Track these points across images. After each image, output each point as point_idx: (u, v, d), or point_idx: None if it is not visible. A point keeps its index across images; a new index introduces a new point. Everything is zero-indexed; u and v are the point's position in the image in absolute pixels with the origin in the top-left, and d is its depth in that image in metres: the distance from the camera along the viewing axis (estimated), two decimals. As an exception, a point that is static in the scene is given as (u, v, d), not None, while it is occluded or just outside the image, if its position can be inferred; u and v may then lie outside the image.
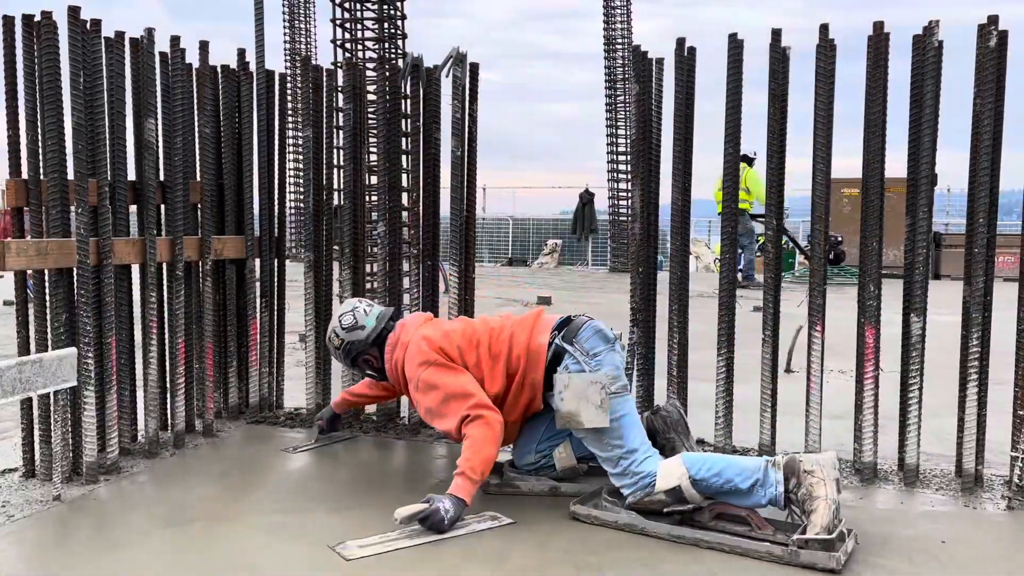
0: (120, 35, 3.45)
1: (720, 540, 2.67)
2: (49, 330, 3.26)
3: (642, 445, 2.88)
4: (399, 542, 2.70)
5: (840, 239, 12.20)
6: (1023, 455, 3.13)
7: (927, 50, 3.18)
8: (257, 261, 4.23)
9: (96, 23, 3.30)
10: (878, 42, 3.23)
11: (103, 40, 3.35)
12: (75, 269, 3.26)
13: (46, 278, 3.27)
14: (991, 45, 3.12)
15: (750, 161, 11.47)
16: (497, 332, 3.15)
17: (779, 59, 3.36)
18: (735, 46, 3.39)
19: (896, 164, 3.35)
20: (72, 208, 3.25)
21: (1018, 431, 3.15)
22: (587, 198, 17.35)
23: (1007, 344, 3.25)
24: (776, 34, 3.35)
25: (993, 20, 3.12)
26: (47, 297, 3.27)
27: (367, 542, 2.69)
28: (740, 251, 11.12)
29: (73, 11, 3.18)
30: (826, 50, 3.29)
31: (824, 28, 3.29)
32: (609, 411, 2.85)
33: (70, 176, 3.23)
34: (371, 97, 4.48)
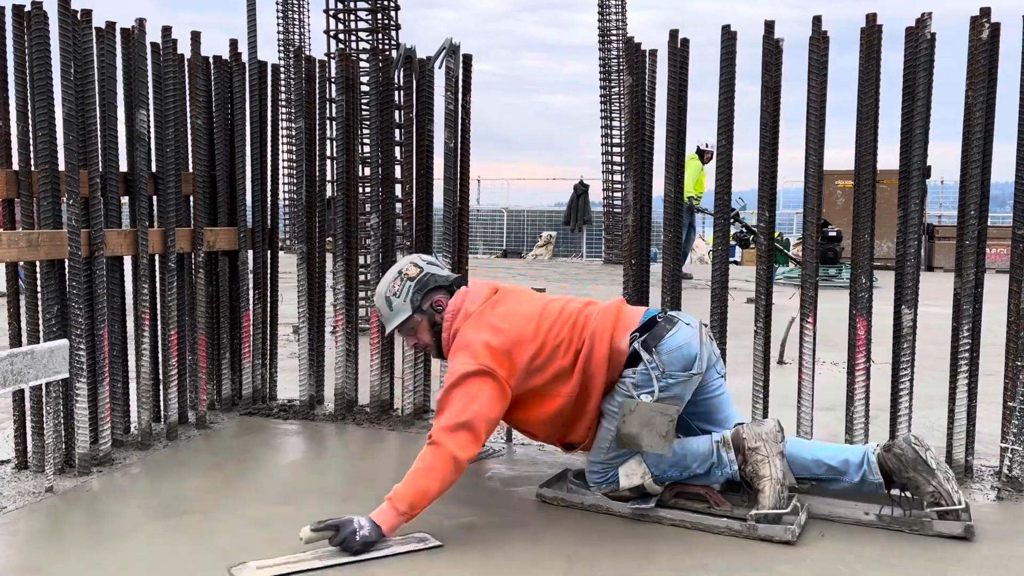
0: (111, 25, 3.43)
1: (682, 517, 2.78)
2: (41, 322, 3.26)
3: (625, 458, 2.86)
4: (305, 563, 2.45)
5: (837, 234, 11.74)
6: (1013, 446, 3.15)
7: (920, 42, 3.19)
8: (250, 253, 4.22)
9: (87, 13, 3.28)
10: (871, 34, 3.23)
11: (94, 30, 3.33)
12: (66, 260, 3.25)
13: (37, 270, 3.26)
14: (983, 37, 3.12)
15: (702, 154, 11.25)
16: (573, 325, 2.87)
17: (772, 51, 3.36)
18: (728, 38, 3.39)
19: (889, 156, 3.36)
20: (63, 199, 3.24)
21: (1008, 422, 3.17)
22: (581, 190, 17.34)
23: (998, 336, 3.26)
24: (769, 26, 3.35)
25: (985, 12, 3.13)
26: (39, 288, 3.26)
27: (267, 563, 2.46)
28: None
29: (64, 1, 3.16)
30: (819, 42, 3.29)
31: (817, 20, 3.29)
32: (673, 439, 2.76)
33: (61, 167, 3.22)
34: (364, 88, 4.46)
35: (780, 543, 2.62)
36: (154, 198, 3.74)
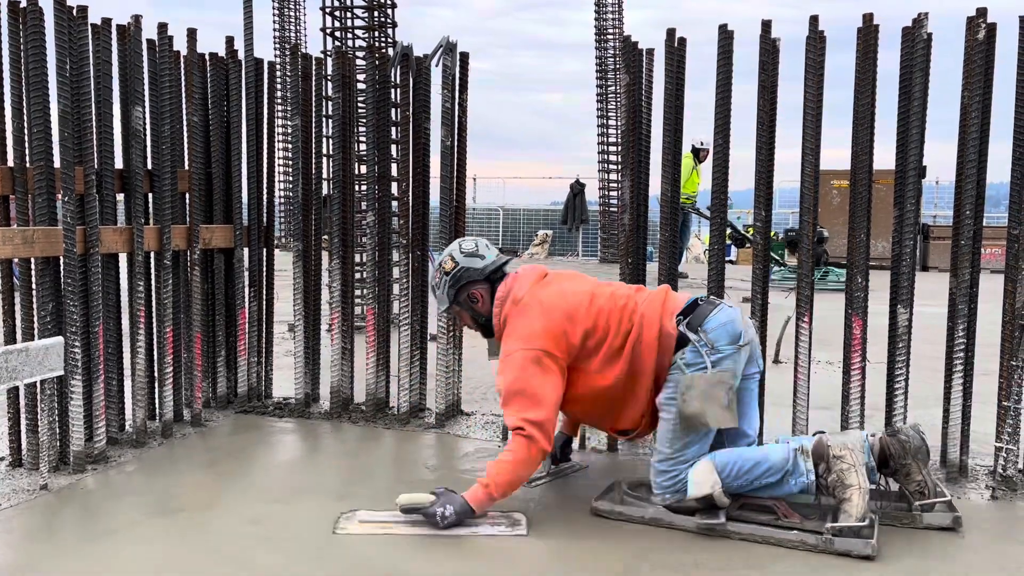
0: (107, 22, 3.43)
1: (752, 531, 2.65)
2: (36, 319, 3.25)
3: (693, 459, 2.77)
4: (403, 528, 2.72)
5: (823, 236, 11.26)
6: (1007, 445, 3.16)
7: (916, 42, 3.19)
8: (246, 250, 4.21)
9: (83, 10, 3.27)
10: (867, 34, 3.24)
11: (90, 27, 3.32)
12: (62, 258, 3.24)
13: (32, 267, 3.25)
14: (979, 38, 3.13)
15: (697, 152, 11.14)
16: (622, 310, 2.87)
17: (769, 51, 3.36)
18: (725, 37, 3.39)
19: (885, 156, 3.37)
20: (59, 196, 3.23)
21: (1002, 422, 3.18)
22: (578, 188, 17.34)
23: (993, 335, 3.27)
24: (766, 25, 3.35)
25: (982, 13, 3.13)
26: (33, 286, 3.25)
27: (371, 518, 2.77)
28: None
29: (59, -3, 3.15)
30: (816, 42, 3.29)
31: (814, 20, 3.29)
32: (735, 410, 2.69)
33: (56, 164, 3.21)
34: (360, 86, 4.46)
35: (858, 558, 2.50)
36: (150, 195, 3.73)
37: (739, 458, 2.76)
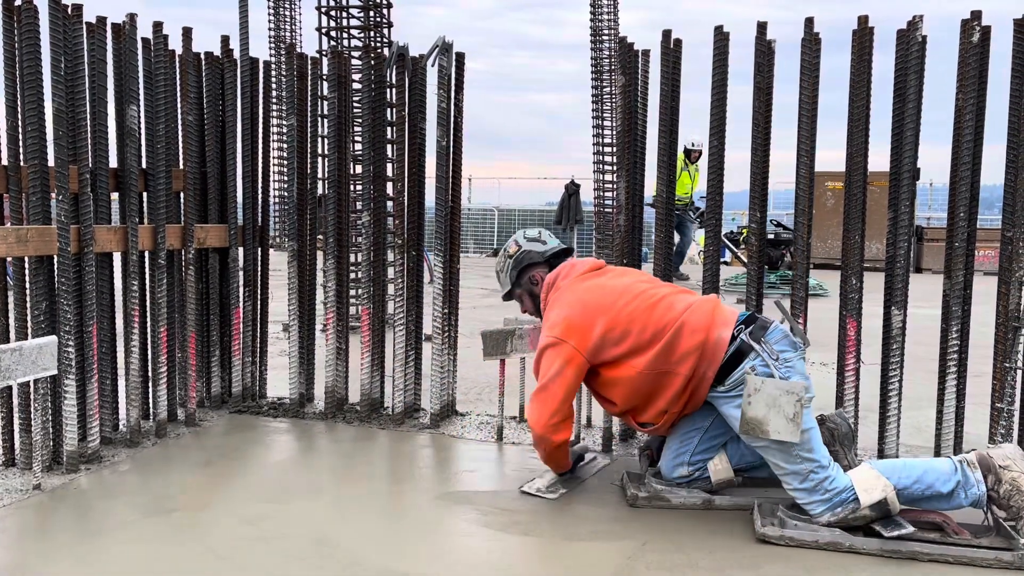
0: (102, 20, 3.42)
1: (943, 552, 2.50)
2: (29, 318, 3.23)
3: (830, 460, 2.70)
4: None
5: (784, 237, 10.88)
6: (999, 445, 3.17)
7: (911, 45, 3.20)
8: (240, 250, 4.20)
9: (78, 8, 3.26)
10: (862, 36, 3.25)
11: (84, 26, 3.32)
12: (55, 257, 3.23)
13: (26, 266, 3.24)
14: (974, 41, 3.14)
15: (688, 153, 11.05)
16: (653, 306, 2.88)
17: (764, 52, 3.37)
18: (720, 39, 3.39)
19: (880, 158, 3.37)
20: (53, 195, 3.22)
21: (996, 423, 3.19)
22: (573, 189, 17.34)
23: (987, 337, 3.28)
24: (762, 27, 3.36)
25: (976, 16, 3.14)
26: (27, 285, 3.24)
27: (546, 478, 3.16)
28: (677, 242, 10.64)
29: (54, -5, 3.14)
30: (811, 44, 3.30)
31: (809, 22, 3.30)
32: (802, 424, 2.62)
33: (51, 162, 3.20)
34: (356, 86, 4.45)
35: None
36: (144, 194, 3.72)
37: (904, 465, 2.66)
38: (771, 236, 10.89)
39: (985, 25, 3.15)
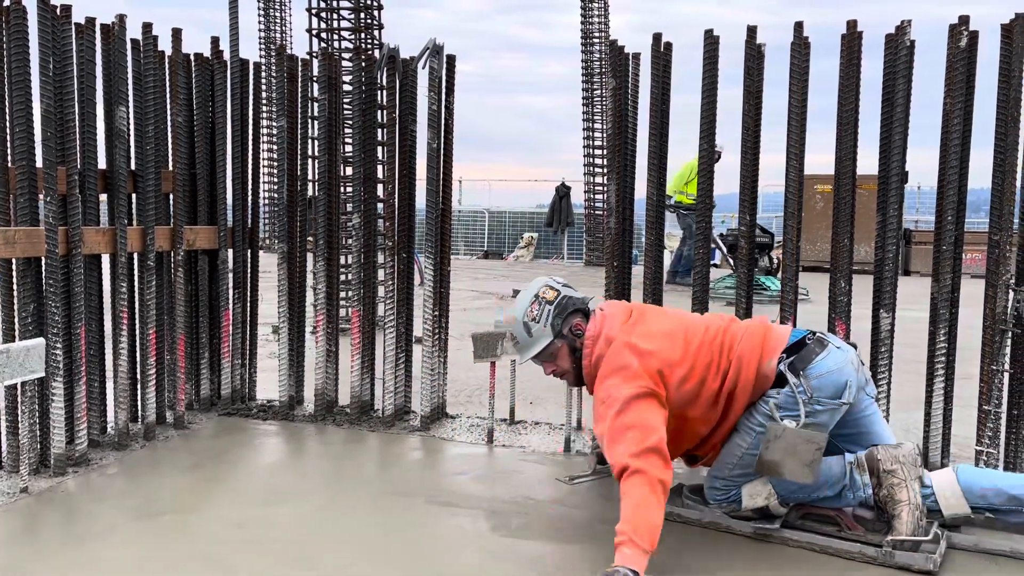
0: (91, 21, 3.40)
1: (810, 540, 2.63)
2: (17, 320, 3.22)
3: (747, 479, 2.72)
4: None
5: (760, 240, 10.97)
6: (988, 449, 3.19)
7: (899, 49, 3.22)
8: (230, 252, 4.19)
9: (66, 9, 3.24)
10: (851, 41, 3.26)
11: (73, 26, 3.30)
12: (43, 258, 3.21)
13: (13, 267, 3.22)
14: (961, 46, 3.16)
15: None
16: (720, 348, 2.71)
17: (754, 56, 3.39)
18: (711, 42, 3.41)
19: (868, 161, 3.39)
20: (41, 196, 3.20)
21: (983, 426, 3.21)
22: (563, 191, 17.37)
23: (974, 340, 3.31)
24: (751, 31, 3.37)
25: (964, 21, 3.16)
26: (14, 286, 3.22)
27: None
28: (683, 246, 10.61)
29: (42, -4, 3.13)
30: (800, 48, 3.31)
31: (799, 26, 3.32)
32: (817, 471, 2.58)
33: (39, 164, 3.18)
34: (347, 88, 4.44)
35: (920, 572, 2.46)
36: (133, 196, 3.71)
37: None
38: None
39: (972, 30, 3.18)
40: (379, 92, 4.17)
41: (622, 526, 2.34)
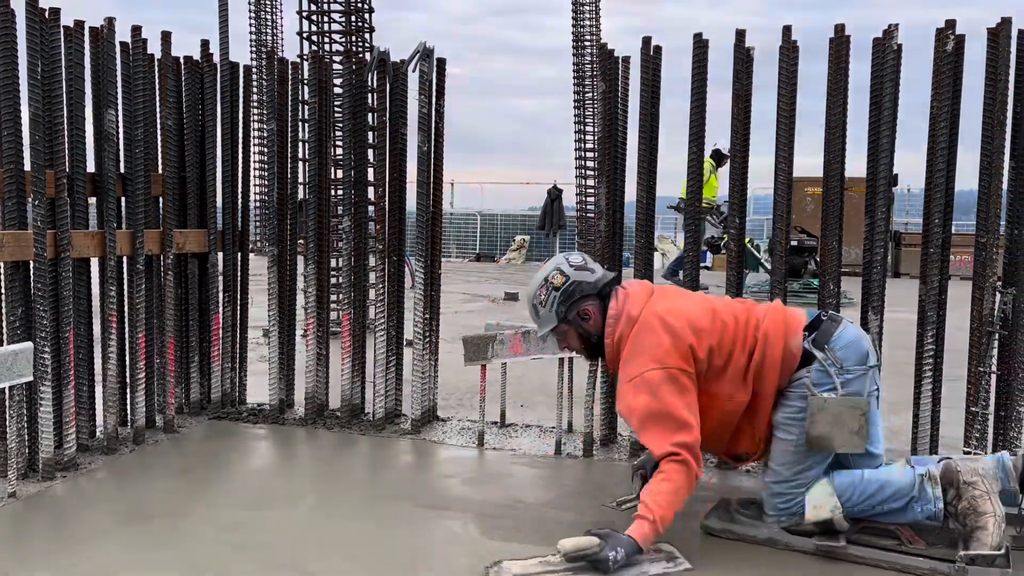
0: (80, 24, 3.39)
1: (876, 556, 2.53)
2: (4, 324, 3.20)
3: (810, 483, 2.66)
4: (560, 574, 2.45)
5: (807, 244, 11.09)
6: (975, 451, 3.21)
7: (886, 53, 3.24)
8: (220, 255, 4.18)
9: (55, 12, 3.23)
10: (839, 45, 3.28)
11: (62, 29, 3.29)
12: (31, 262, 3.20)
13: (1, 271, 3.20)
14: (948, 49, 3.19)
15: (720, 157, 11.00)
16: (745, 326, 2.71)
17: (743, 60, 3.40)
18: (700, 46, 3.42)
19: (858, 163, 3.41)
20: (29, 200, 3.19)
21: (971, 427, 3.23)
22: (555, 194, 17.39)
23: (962, 341, 3.32)
24: (740, 35, 3.39)
25: (950, 25, 3.19)
26: (2, 290, 3.21)
27: (527, 564, 2.48)
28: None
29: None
30: (789, 51, 3.33)
31: (787, 30, 3.33)
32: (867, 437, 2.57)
33: (27, 167, 3.17)
34: (337, 91, 4.44)
35: None
36: (123, 199, 3.70)
37: (861, 481, 2.64)
38: (794, 243, 10.74)
39: (959, 34, 3.20)
40: (370, 95, 4.17)
41: (654, 506, 2.48)
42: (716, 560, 2.58)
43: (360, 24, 7.75)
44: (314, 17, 7.79)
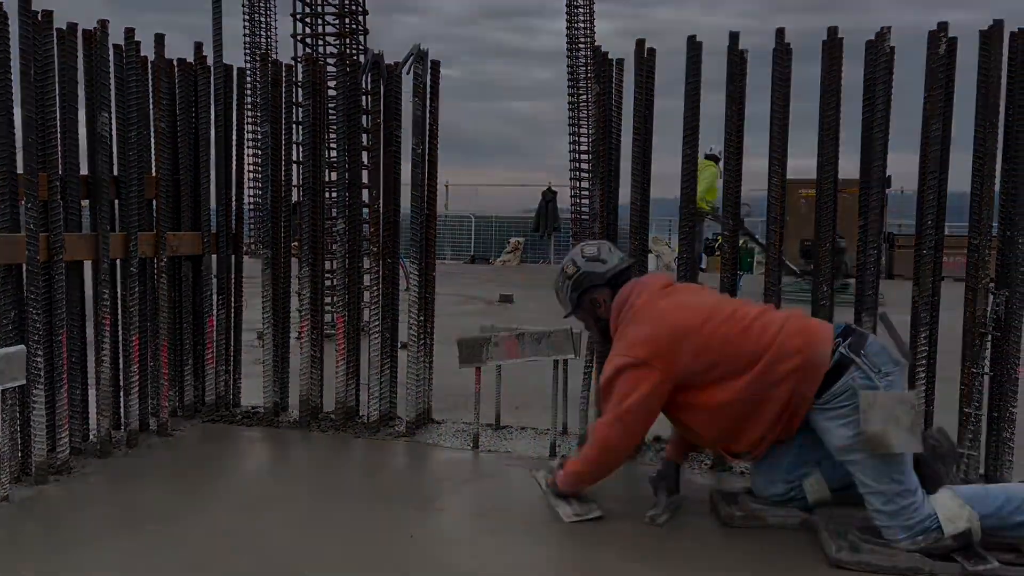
0: (73, 27, 3.38)
1: None
2: (-3, 327, 3.19)
3: (917, 485, 2.59)
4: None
5: (838, 245, 11.04)
6: (968, 451, 3.22)
7: (879, 55, 3.25)
8: (214, 257, 4.17)
9: (48, 14, 3.22)
10: (832, 47, 3.29)
11: (55, 32, 3.28)
12: (24, 265, 3.19)
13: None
14: (940, 52, 3.20)
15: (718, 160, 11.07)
16: (747, 329, 2.76)
17: (737, 62, 3.41)
18: (694, 48, 3.43)
19: (852, 165, 3.42)
20: (22, 202, 3.18)
21: (963, 428, 3.24)
22: (550, 196, 17.42)
23: (955, 342, 3.33)
24: (734, 37, 3.40)
25: (943, 27, 3.20)
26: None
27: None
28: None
29: (24, 1, 3.10)
30: (782, 54, 3.34)
31: (780, 32, 3.34)
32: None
33: (20, 170, 3.16)
34: (331, 93, 4.44)
35: None
36: (116, 202, 3.69)
37: (985, 492, 2.59)
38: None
39: (951, 37, 3.21)
40: (364, 97, 4.17)
41: (573, 457, 3.04)
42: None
43: (354, 26, 7.75)
44: (308, 19, 7.79)
